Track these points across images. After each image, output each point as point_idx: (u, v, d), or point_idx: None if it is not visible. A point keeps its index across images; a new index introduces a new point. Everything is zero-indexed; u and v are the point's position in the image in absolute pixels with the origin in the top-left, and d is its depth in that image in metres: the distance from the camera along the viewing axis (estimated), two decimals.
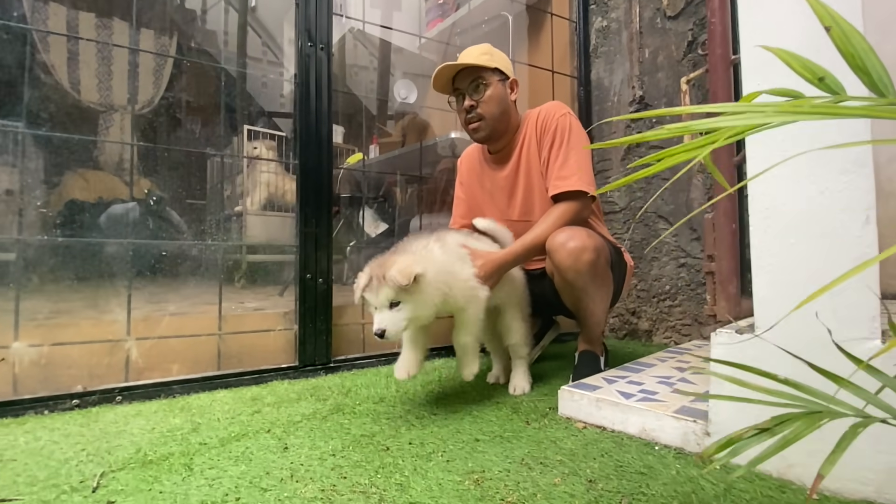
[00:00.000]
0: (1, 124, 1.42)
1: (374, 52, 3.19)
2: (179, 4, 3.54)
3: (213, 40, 3.50)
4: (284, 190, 2.81)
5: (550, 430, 1.04)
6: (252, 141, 2.77)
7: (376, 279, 1.01)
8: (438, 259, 1.10)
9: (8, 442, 1.00)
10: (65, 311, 1.28)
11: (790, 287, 0.81)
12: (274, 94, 3.65)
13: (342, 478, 0.82)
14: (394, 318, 1.01)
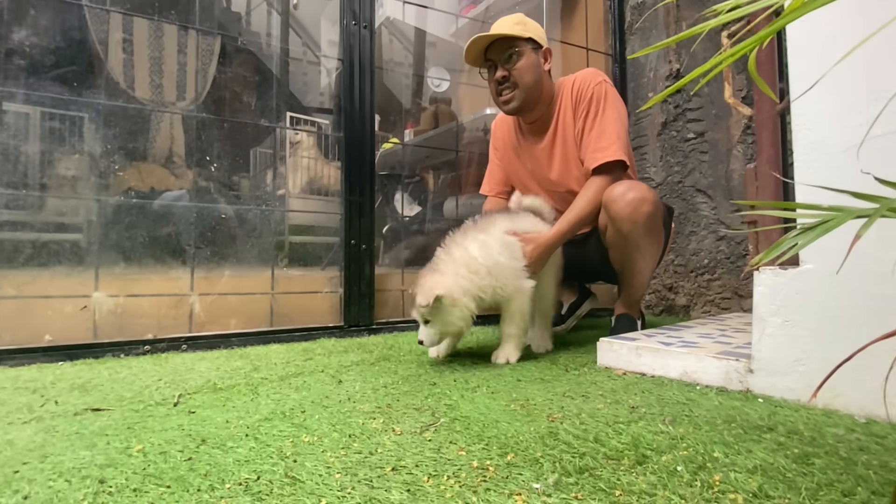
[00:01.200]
0: (77, 116, 1.57)
1: (407, 45, 3.28)
2: (225, 7, 3.73)
3: (256, 40, 3.69)
4: (323, 174, 2.92)
5: (590, 375, 1.07)
6: (294, 126, 2.90)
7: (413, 297, 1.12)
8: (474, 266, 1.13)
9: (93, 374, 1.12)
10: (137, 266, 1.41)
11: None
12: (314, 91, 3.78)
13: (395, 400, 0.88)
14: (427, 332, 1.11)
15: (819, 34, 0.86)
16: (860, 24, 0.80)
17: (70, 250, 1.33)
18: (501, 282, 1.14)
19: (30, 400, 0.92)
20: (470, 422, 0.75)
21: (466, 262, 1.13)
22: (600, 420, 0.75)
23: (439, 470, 0.57)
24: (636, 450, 0.61)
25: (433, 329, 1.11)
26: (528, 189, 1.59)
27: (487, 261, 1.14)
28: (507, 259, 1.16)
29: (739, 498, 0.48)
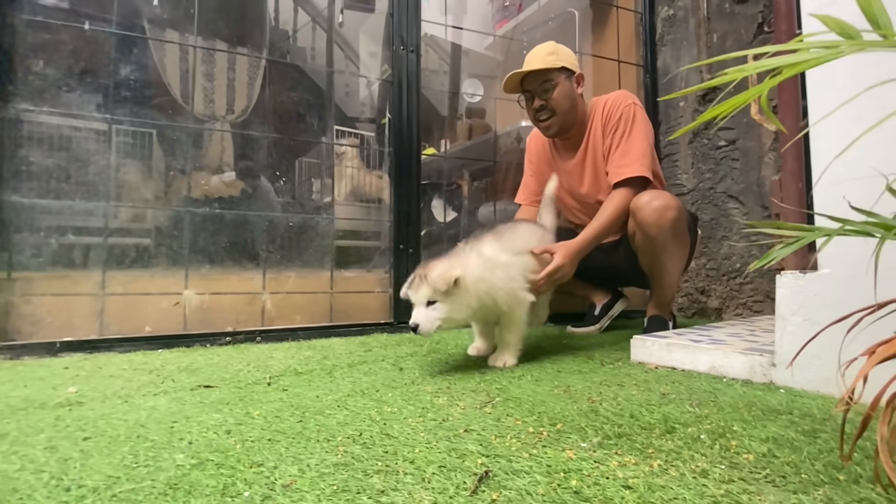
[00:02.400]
0: (142, 131, 1.80)
1: (444, 57, 3.44)
2: (273, 26, 4.00)
3: (302, 55, 3.95)
4: (366, 183, 3.12)
5: (624, 368, 1.18)
6: (339, 139, 3.11)
7: (419, 278, 1.10)
8: (485, 264, 1.15)
9: (190, 360, 1.32)
10: (219, 268, 1.61)
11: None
12: (355, 101, 4.00)
13: (453, 384, 1.02)
14: (428, 316, 1.08)
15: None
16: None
17: (165, 254, 1.55)
18: (499, 293, 1.16)
19: (150, 378, 1.12)
20: (521, 401, 0.88)
21: (482, 257, 1.17)
22: (634, 402, 0.87)
23: (502, 433, 0.71)
24: (666, 423, 0.73)
25: (436, 314, 1.08)
26: (559, 199, 1.72)
27: (491, 268, 1.16)
28: (506, 273, 1.19)
29: (751, 457, 0.60)
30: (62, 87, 1.49)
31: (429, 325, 1.08)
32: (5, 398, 0.95)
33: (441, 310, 1.09)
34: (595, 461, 0.59)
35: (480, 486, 0.52)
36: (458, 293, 1.09)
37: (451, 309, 1.09)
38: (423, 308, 1.09)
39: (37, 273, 1.42)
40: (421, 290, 1.09)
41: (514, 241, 1.28)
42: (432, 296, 1.08)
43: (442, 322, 1.09)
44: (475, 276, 1.12)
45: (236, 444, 0.68)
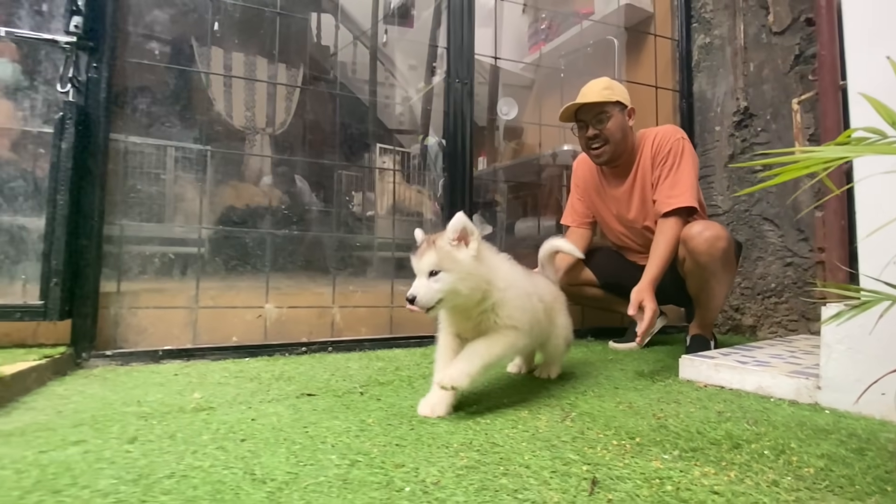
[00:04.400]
0: (197, 149, 1.97)
1: (483, 76, 3.59)
2: (316, 43, 4.20)
3: (344, 70, 4.14)
4: (405, 197, 3.28)
5: (675, 386, 1.30)
6: (381, 156, 3.27)
7: (426, 243, 0.98)
8: (500, 272, 1.06)
9: (280, 369, 1.47)
10: (295, 284, 1.78)
11: (893, 269, 1.01)
12: (394, 114, 4.15)
13: (525, 397, 1.15)
14: (429, 287, 0.95)
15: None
16: None
17: (249, 271, 1.72)
18: (513, 303, 1.05)
19: (256, 386, 1.28)
20: (594, 416, 1.01)
21: (501, 263, 1.09)
22: (696, 419, 0.99)
23: (591, 444, 0.84)
24: (730, 439, 0.85)
25: (438, 285, 0.95)
26: (606, 223, 1.84)
27: (513, 279, 1.08)
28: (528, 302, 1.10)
29: (811, 470, 0.72)
30: (164, 121, 1.68)
31: (429, 296, 0.95)
32: (146, 402, 1.11)
33: (444, 281, 0.95)
34: (680, 470, 0.72)
35: (595, 489, 0.65)
36: (468, 263, 0.97)
37: (457, 280, 0.96)
38: (425, 279, 0.96)
39: (141, 287, 1.60)
40: (426, 256, 0.96)
41: (538, 285, 1.23)
42: (438, 264, 0.95)
43: (444, 295, 0.95)
44: (494, 260, 1.04)
45: (372, 448, 0.82)
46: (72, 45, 1.47)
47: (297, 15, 3.37)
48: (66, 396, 1.16)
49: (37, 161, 1.46)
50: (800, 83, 2.02)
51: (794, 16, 2.06)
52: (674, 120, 2.48)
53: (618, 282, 1.83)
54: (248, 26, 2.12)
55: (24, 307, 1.39)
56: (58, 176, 1.43)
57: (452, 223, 0.98)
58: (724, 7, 2.35)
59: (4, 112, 1.57)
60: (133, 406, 1.08)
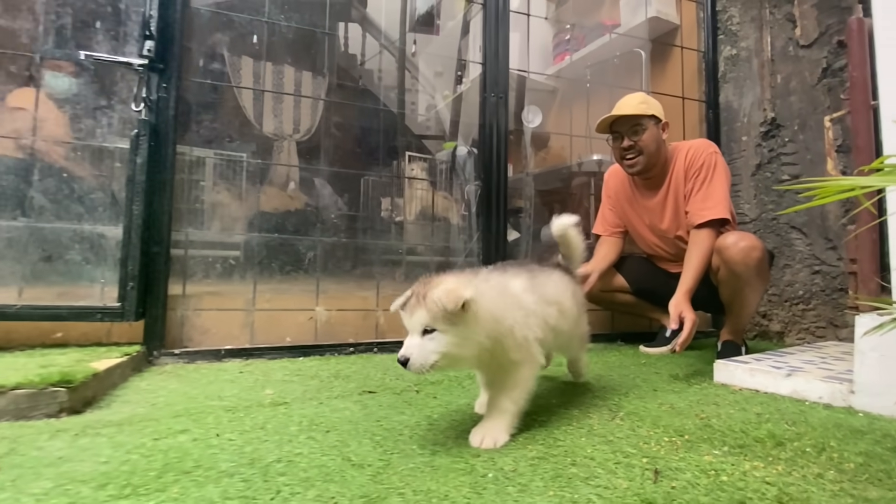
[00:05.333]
0: (220, 153, 2.09)
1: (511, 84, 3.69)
2: (343, 52, 4.33)
3: (370, 78, 4.26)
4: (432, 203, 3.37)
5: (711, 389, 1.37)
6: (410, 164, 3.38)
7: (416, 297, 0.86)
8: (504, 299, 0.94)
9: (334, 368, 1.58)
10: (343, 288, 1.89)
11: None
12: (421, 120, 4.24)
13: (572, 398, 1.24)
14: (423, 348, 0.84)
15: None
16: None
17: (301, 276, 1.83)
18: (521, 334, 0.94)
19: (317, 384, 1.38)
20: (640, 416, 1.09)
21: (503, 289, 0.96)
22: (737, 420, 1.06)
23: (644, 440, 0.92)
24: (773, 438, 0.93)
25: (434, 345, 0.84)
26: (638, 233, 1.92)
27: (523, 302, 0.97)
28: (538, 320, 0.99)
29: (852, 465, 0.79)
30: (224, 136, 1.80)
31: (422, 359, 0.83)
32: (225, 397, 1.22)
33: (440, 342, 0.84)
34: (731, 464, 0.80)
35: (658, 478, 0.74)
36: (465, 322, 0.85)
37: (454, 343, 0.84)
38: (418, 337, 0.85)
39: (203, 290, 1.72)
40: (417, 313, 0.84)
41: (546, 287, 1.07)
42: (431, 322, 0.83)
43: (440, 358, 0.84)
44: (489, 306, 0.89)
45: (446, 440, 0.92)
46: (144, 67, 1.60)
47: (336, 34, 3.50)
48: (151, 391, 1.28)
49: (113, 174, 1.59)
50: (827, 95, 2.07)
51: (822, 30, 2.11)
52: (700, 130, 2.54)
53: (649, 288, 1.90)
54: (296, 45, 2.24)
55: (103, 309, 1.52)
56: (133, 188, 1.55)
57: (438, 297, 0.81)
58: (751, 20, 2.41)
59: (62, 124, 1.71)
60: (216, 400, 1.19)
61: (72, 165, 1.58)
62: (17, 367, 1.19)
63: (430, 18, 4.34)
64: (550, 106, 3.59)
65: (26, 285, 1.50)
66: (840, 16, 2.04)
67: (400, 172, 3.53)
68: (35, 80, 1.61)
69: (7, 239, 1.48)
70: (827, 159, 1.53)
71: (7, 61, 1.60)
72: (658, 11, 2.59)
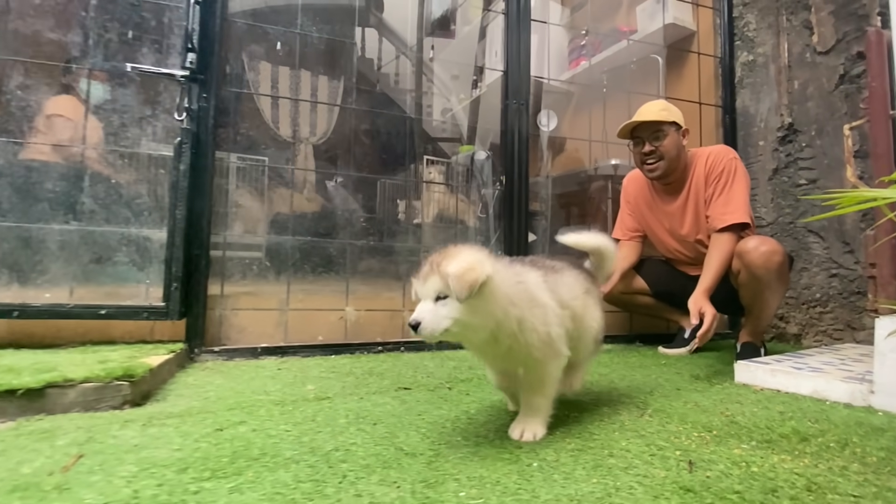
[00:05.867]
0: (253, 159, 2.17)
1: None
2: (361, 56, 4.41)
3: (386, 82, 4.34)
4: (450, 206, 3.44)
5: (733, 389, 1.41)
6: (428, 167, 3.45)
7: (430, 266, 0.86)
8: (521, 291, 0.93)
9: (366, 365, 1.64)
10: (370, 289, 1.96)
11: None
12: (438, 124, 4.31)
13: (599, 396, 1.29)
14: (435, 314, 0.83)
15: None
16: None
17: (332, 278, 1.91)
18: (543, 329, 0.93)
19: (354, 380, 1.45)
20: (667, 413, 1.14)
21: (521, 279, 0.95)
22: (761, 417, 1.11)
23: (675, 435, 0.97)
24: (797, 434, 0.98)
25: (446, 311, 0.83)
26: (658, 237, 1.96)
27: (538, 299, 0.95)
28: (554, 317, 0.96)
29: (874, 459, 0.84)
30: (260, 144, 1.88)
31: (434, 324, 0.83)
32: (271, 392, 1.30)
33: (453, 308, 0.83)
34: (760, 457, 0.85)
35: (692, 468, 0.79)
36: (480, 295, 0.84)
37: (467, 311, 0.84)
38: (431, 303, 0.84)
39: (239, 290, 1.80)
40: (430, 280, 0.85)
41: (559, 288, 1.03)
42: (444, 290, 0.83)
43: (452, 325, 0.84)
44: (507, 291, 0.89)
45: (488, 433, 0.98)
46: (186, 78, 1.68)
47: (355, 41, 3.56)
48: (199, 386, 1.36)
49: (158, 180, 1.68)
50: (845, 101, 2.11)
51: (839, 37, 2.14)
52: (716, 134, 2.57)
53: (669, 290, 1.95)
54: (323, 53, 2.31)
55: (149, 308, 1.60)
56: (177, 193, 1.63)
57: (453, 275, 0.81)
58: (768, 26, 2.44)
59: (95, 129, 1.80)
60: (262, 395, 1.27)
61: (119, 172, 1.66)
62: (77, 363, 1.27)
63: (446, 22, 4.40)
64: (565, 109, 3.64)
65: (77, 285, 1.58)
66: (857, 23, 2.07)
67: (418, 176, 3.60)
68: (83, 91, 1.69)
69: (60, 241, 1.57)
70: (846, 167, 1.56)
71: (54, 71, 1.69)
72: (675, 18, 2.64)
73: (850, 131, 1.54)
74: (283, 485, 0.74)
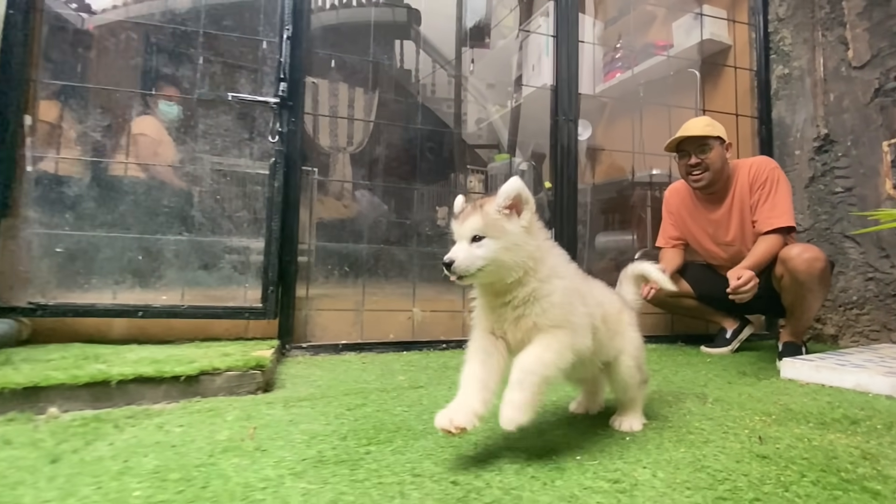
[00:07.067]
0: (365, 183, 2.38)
1: None
2: (399, 68, 4.63)
3: (432, 95, 4.55)
4: None
5: (779, 383, 1.56)
6: (469, 176, 3.63)
7: (472, 206, 0.87)
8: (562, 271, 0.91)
9: (437, 361, 1.83)
10: (434, 291, 2.15)
11: None
12: (476, 130, 4.49)
13: (658, 388, 1.45)
14: (470, 253, 0.83)
15: None
16: None
17: (400, 282, 2.10)
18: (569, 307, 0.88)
19: (432, 373, 1.63)
20: (726, 402, 1.30)
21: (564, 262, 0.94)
22: (812, 406, 1.26)
23: (740, 419, 1.13)
24: (847, 419, 1.12)
25: (482, 251, 0.83)
26: (701, 244, 2.11)
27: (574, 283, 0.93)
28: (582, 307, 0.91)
29: None
30: (363, 168, 2.09)
31: (468, 261, 0.83)
32: (369, 382, 1.49)
33: (488, 247, 0.83)
34: (818, 435, 1.01)
35: (763, 441, 0.95)
36: (518, 233, 0.85)
37: (502, 250, 0.84)
38: (466, 243, 0.85)
39: (321, 293, 2.01)
40: (470, 219, 0.85)
41: (594, 289, 1.02)
42: (483, 229, 0.84)
43: (486, 263, 0.83)
44: (541, 244, 0.89)
45: (583, 420, 1.15)
46: (278, 105, 1.90)
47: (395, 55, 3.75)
48: (305, 376, 1.56)
49: (254, 195, 1.90)
50: (880, 114, 2.22)
51: (874, 52, 2.25)
52: (753, 144, 2.70)
53: (711, 293, 2.09)
54: (387, 77, 2.52)
55: (249, 308, 1.82)
56: (272, 207, 1.85)
57: (506, 188, 0.85)
58: (804, 41, 2.56)
59: (203, 151, 2.03)
60: (364, 384, 1.46)
61: (223, 189, 1.89)
62: (205, 356, 1.48)
63: (481, 35, 4.58)
64: (599, 118, 3.79)
65: (188, 289, 1.81)
66: (891, 39, 2.18)
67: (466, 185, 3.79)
68: (193, 118, 1.93)
69: (174, 251, 1.80)
70: (885, 179, 1.68)
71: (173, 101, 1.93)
72: (711, 34, 2.77)
73: (889, 147, 1.66)
74: (430, 449, 0.92)
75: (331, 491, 0.75)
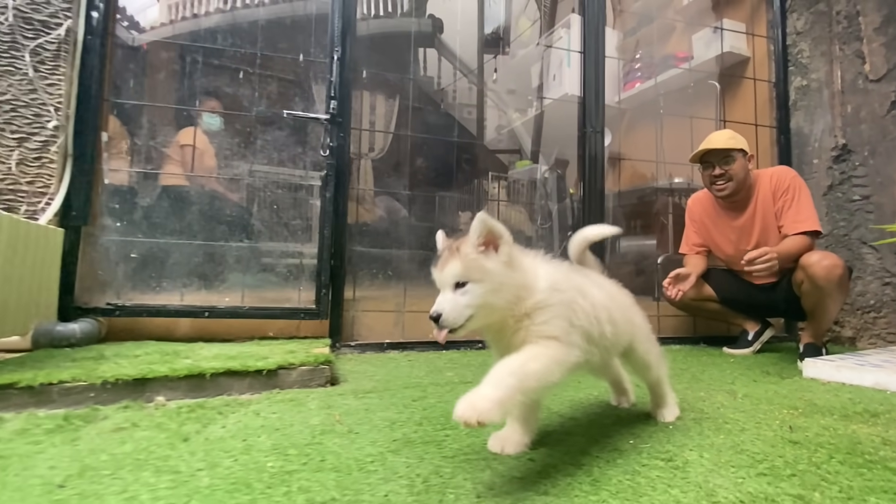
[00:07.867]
0: (406, 194, 2.52)
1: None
2: (423, 75, 4.77)
3: (455, 104, 4.69)
4: (510, 218, 3.75)
5: (802, 382, 1.67)
6: (492, 182, 3.77)
7: (449, 251, 0.85)
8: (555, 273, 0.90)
9: (479, 359, 1.96)
10: None
11: None
12: (497, 136, 4.62)
13: (691, 385, 1.57)
14: (456, 302, 0.82)
15: None
16: None
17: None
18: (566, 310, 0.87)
19: (476, 369, 1.77)
20: (755, 397, 1.41)
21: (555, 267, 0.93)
22: (835, 401, 1.37)
23: (770, 412, 1.25)
24: (868, 412, 1.24)
25: (467, 298, 0.81)
26: (723, 251, 2.22)
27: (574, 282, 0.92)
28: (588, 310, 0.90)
29: None
30: (385, 174, 2.24)
31: (455, 313, 0.82)
32: (421, 377, 1.63)
33: (474, 293, 0.81)
34: (843, 425, 1.12)
35: (793, 430, 1.08)
36: (500, 271, 0.83)
37: (489, 292, 0.82)
38: (450, 292, 0.83)
39: (366, 295, 2.16)
40: (449, 265, 0.83)
41: (604, 283, 1.05)
42: (464, 273, 0.82)
43: (475, 311, 0.82)
44: (525, 270, 0.87)
45: (621, 412, 1.28)
46: (329, 121, 2.05)
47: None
48: (360, 372, 1.70)
49: (307, 204, 2.05)
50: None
51: (890, 66, 2.35)
52: (772, 153, 2.80)
53: (734, 297, 2.21)
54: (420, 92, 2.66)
55: (304, 309, 1.97)
56: (324, 216, 2.00)
57: (475, 225, 0.82)
58: (821, 54, 2.66)
59: (210, 156, 2.18)
60: (417, 378, 1.60)
61: (279, 199, 2.04)
62: (270, 354, 1.63)
63: (498, 41, 4.72)
64: (618, 126, 3.90)
65: (247, 291, 1.96)
66: None
67: (487, 190, 3.92)
68: (252, 136, 2.08)
69: (236, 256, 1.95)
70: None
71: (231, 118, 2.09)
72: (731, 46, 2.88)
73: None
74: None
75: (428, 464, 0.88)
